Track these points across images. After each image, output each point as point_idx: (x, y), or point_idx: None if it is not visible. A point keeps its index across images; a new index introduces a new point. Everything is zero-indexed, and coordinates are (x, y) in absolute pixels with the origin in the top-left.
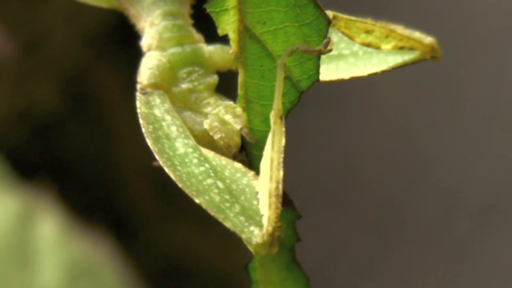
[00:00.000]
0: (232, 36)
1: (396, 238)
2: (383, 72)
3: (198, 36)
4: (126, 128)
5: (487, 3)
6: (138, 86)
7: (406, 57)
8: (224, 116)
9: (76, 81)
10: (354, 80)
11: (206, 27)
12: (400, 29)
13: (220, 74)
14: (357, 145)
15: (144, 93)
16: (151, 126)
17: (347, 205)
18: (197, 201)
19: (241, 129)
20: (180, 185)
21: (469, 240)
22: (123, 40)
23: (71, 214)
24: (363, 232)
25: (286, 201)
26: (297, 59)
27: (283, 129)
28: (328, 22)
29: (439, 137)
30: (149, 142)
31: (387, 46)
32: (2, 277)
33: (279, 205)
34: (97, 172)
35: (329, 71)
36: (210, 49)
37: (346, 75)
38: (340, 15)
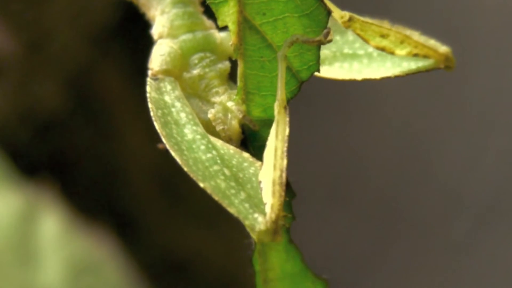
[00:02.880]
0: (232, 27)
1: (397, 237)
2: (395, 76)
3: (209, 22)
4: (130, 126)
5: (490, 3)
6: (149, 72)
7: (420, 64)
8: (227, 102)
9: (79, 80)
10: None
11: None
12: (416, 36)
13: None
14: (359, 144)
15: (155, 79)
16: (160, 111)
17: (348, 204)
18: (202, 185)
19: (244, 117)
20: (186, 169)
21: (470, 239)
22: (127, 39)
23: (73, 211)
24: (364, 230)
25: None
26: (297, 50)
27: (287, 118)
28: (328, 13)
29: (440, 136)
30: (157, 126)
31: (401, 51)
32: (4, 275)
33: (283, 193)
34: (100, 170)
35: (342, 70)
36: (222, 36)
37: (358, 76)
38: (356, 16)
